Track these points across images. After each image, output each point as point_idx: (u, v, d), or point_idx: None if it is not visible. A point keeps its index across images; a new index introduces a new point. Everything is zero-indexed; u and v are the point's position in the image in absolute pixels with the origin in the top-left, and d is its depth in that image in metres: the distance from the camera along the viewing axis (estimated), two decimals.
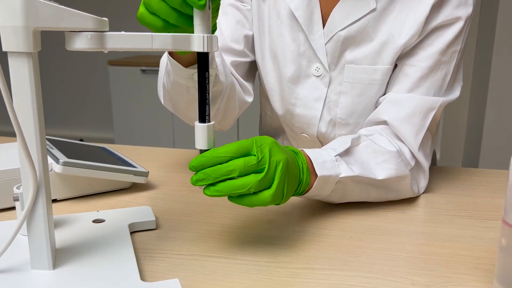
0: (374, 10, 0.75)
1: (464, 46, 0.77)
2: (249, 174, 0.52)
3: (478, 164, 2.60)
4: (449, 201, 0.75)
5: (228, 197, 0.54)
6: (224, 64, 0.78)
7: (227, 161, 0.52)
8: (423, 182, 0.76)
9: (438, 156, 3.01)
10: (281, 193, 0.55)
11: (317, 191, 0.63)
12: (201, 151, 0.53)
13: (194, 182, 0.52)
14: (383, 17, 0.75)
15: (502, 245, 0.48)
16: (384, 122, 0.75)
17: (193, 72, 0.68)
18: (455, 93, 0.78)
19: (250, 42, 0.87)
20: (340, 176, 0.64)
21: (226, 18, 0.85)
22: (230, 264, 0.55)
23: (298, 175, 0.59)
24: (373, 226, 0.66)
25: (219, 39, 0.84)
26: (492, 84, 2.50)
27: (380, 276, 0.53)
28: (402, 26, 0.74)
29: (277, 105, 0.87)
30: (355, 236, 0.62)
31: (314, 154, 0.63)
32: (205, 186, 0.53)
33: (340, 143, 0.68)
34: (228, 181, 0.52)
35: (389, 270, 0.54)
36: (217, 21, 0.68)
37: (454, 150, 3.03)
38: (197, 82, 0.61)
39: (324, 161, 0.63)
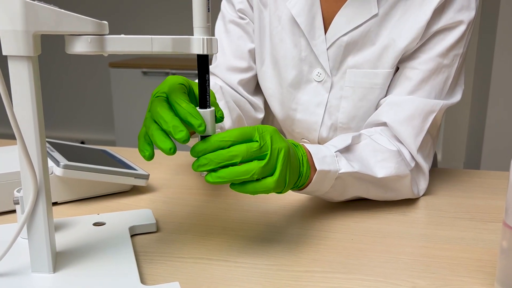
0: (376, 15, 0.75)
1: (466, 50, 0.77)
2: (251, 160, 0.52)
3: (479, 165, 2.59)
4: (450, 203, 0.75)
5: (230, 185, 0.53)
6: (228, 101, 0.79)
7: (229, 147, 0.52)
8: (423, 184, 0.76)
9: (439, 157, 3.01)
10: (284, 181, 0.54)
11: (316, 186, 0.63)
12: (202, 138, 0.53)
13: (196, 168, 0.51)
14: (385, 22, 0.76)
15: (503, 247, 0.47)
16: (384, 124, 0.75)
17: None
18: (456, 97, 0.78)
19: (254, 55, 0.88)
20: (340, 171, 0.64)
21: (228, 37, 0.87)
22: (230, 267, 0.55)
23: (299, 167, 0.59)
24: (373, 228, 0.66)
25: (222, 59, 0.85)
26: (494, 85, 2.50)
27: (381, 279, 0.53)
28: (403, 30, 0.74)
29: (277, 110, 0.87)
30: (356, 239, 0.62)
31: (314, 149, 0.63)
32: (207, 172, 0.52)
33: (341, 140, 0.69)
34: (231, 167, 0.51)
35: (390, 273, 0.54)
36: (219, 40, 0.68)
37: (455, 151, 3.02)
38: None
39: (324, 156, 0.63)
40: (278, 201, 0.74)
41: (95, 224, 0.63)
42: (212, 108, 0.53)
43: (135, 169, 0.77)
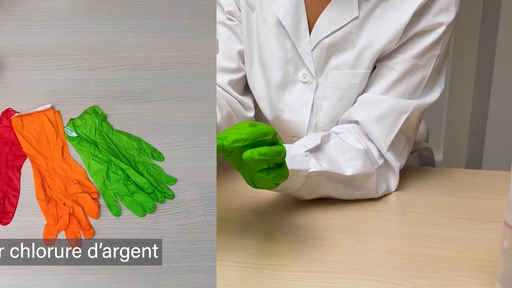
0: (357, 18, 0.76)
1: (445, 50, 0.78)
2: (276, 143, 0.54)
3: (481, 165, 2.59)
4: (451, 203, 0.75)
5: (258, 171, 0.55)
6: (217, 97, 0.80)
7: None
8: (393, 182, 0.78)
9: (440, 157, 3.00)
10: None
11: (287, 184, 0.65)
12: None
13: (231, 143, 0.51)
14: (365, 24, 0.77)
15: (504, 247, 0.47)
16: (356, 122, 0.77)
17: None
18: (432, 97, 0.79)
19: (243, 56, 0.88)
20: (310, 170, 0.66)
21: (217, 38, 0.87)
22: (231, 267, 0.55)
23: None
24: (374, 228, 0.66)
25: None
26: (495, 85, 2.50)
27: (382, 279, 0.53)
28: (381, 31, 0.76)
29: (266, 111, 0.88)
30: (356, 239, 0.62)
31: (285, 148, 0.64)
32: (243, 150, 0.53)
33: (311, 139, 0.71)
34: (267, 146, 0.53)
35: (391, 273, 0.54)
36: None
37: (457, 151, 3.02)
38: None
39: (295, 155, 0.65)
40: (278, 201, 0.74)
41: None
42: None
43: None
